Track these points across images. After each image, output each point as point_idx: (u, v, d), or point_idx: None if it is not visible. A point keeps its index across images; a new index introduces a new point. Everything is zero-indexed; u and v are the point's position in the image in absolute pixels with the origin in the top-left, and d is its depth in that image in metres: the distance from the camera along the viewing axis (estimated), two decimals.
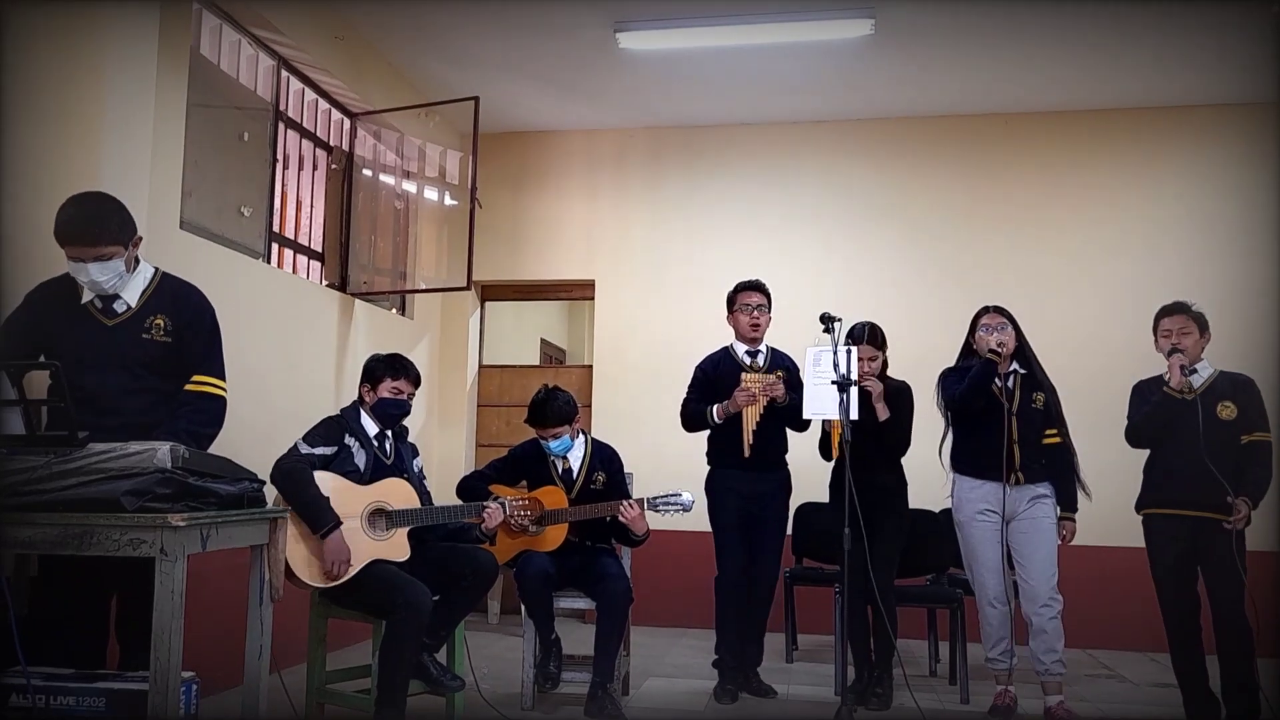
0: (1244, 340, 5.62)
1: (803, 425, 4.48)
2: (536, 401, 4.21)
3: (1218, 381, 3.94)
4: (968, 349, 4.28)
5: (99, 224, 2.83)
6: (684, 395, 4.60)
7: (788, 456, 4.59)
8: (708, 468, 4.55)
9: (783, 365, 4.56)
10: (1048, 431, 4.16)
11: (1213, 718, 3.87)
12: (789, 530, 5.04)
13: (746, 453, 4.37)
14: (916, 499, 4.46)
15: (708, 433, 4.55)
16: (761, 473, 4.44)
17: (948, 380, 4.25)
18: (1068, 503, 4.15)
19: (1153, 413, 3.93)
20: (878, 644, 4.25)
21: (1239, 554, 3.79)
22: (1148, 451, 4.07)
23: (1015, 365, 4.17)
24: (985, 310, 4.24)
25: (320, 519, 3.40)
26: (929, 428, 4.38)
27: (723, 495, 4.42)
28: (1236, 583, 3.77)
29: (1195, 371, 3.92)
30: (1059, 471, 4.15)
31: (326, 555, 3.40)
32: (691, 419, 4.54)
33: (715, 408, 4.42)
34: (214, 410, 3.03)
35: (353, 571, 3.45)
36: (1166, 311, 4.04)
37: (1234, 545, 3.79)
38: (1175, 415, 3.88)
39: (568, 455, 4.22)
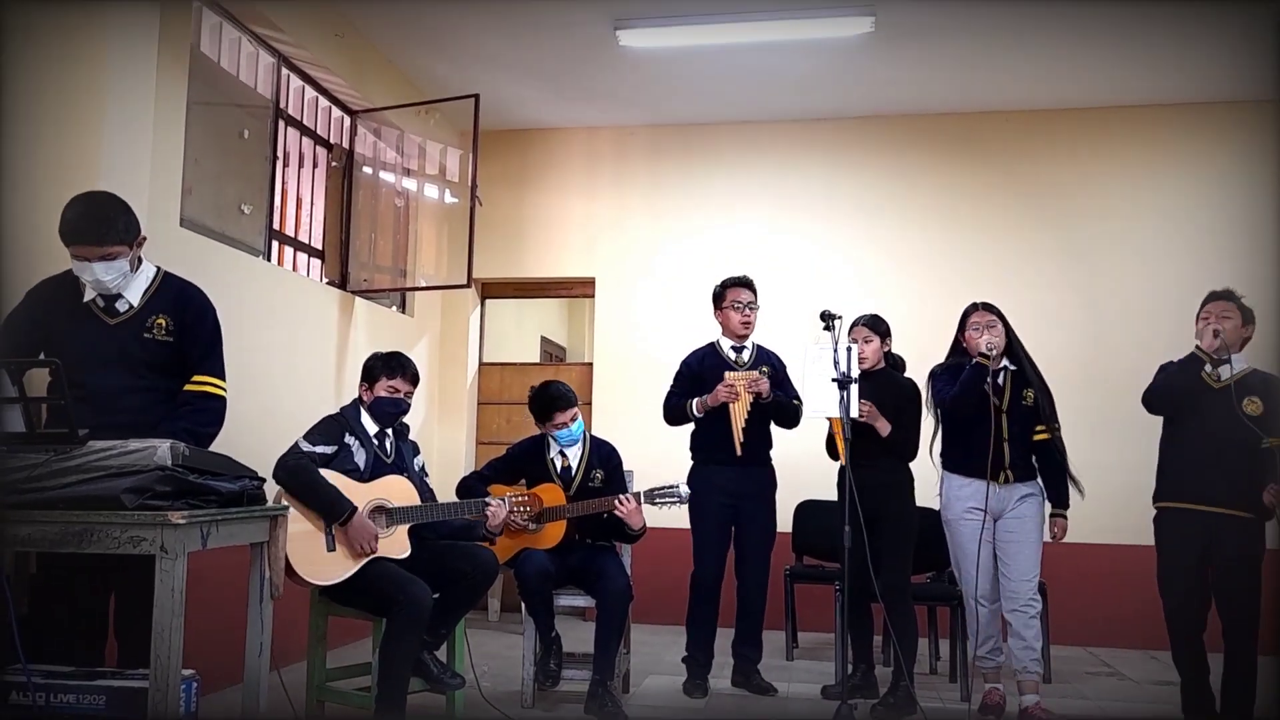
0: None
1: (792, 423, 4.49)
2: (536, 393, 4.21)
3: (1250, 377, 3.82)
4: (957, 346, 4.22)
5: (105, 224, 2.82)
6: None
7: (786, 453, 4.59)
8: (690, 463, 4.56)
9: (767, 362, 4.57)
10: (1037, 428, 4.11)
11: (1210, 715, 3.85)
12: (789, 528, 5.02)
13: (739, 451, 4.37)
14: (917, 497, 4.44)
15: (691, 428, 4.56)
16: (748, 469, 4.45)
17: (938, 381, 4.18)
18: (1059, 500, 4.11)
19: (1172, 381, 3.83)
20: (892, 649, 4.20)
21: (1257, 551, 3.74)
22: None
23: (1005, 362, 4.10)
24: (974, 307, 4.15)
25: (337, 508, 3.44)
26: (929, 427, 4.37)
27: (707, 492, 4.38)
28: (1247, 582, 3.74)
29: (1228, 361, 3.80)
30: (1049, 469, 4.11)
31: (352, 538, 3.45)
32: (672, 412, 4.56)
33: (695, 401, 4.43)
34: (214, 409, 3.04)
35: (354, 569, 3.46)
36: (1213, 296, 3.93)
37: (1252, 541, 3.74)
38: (1198, 397, 3.79)
39: (566, 453, 4.21)
